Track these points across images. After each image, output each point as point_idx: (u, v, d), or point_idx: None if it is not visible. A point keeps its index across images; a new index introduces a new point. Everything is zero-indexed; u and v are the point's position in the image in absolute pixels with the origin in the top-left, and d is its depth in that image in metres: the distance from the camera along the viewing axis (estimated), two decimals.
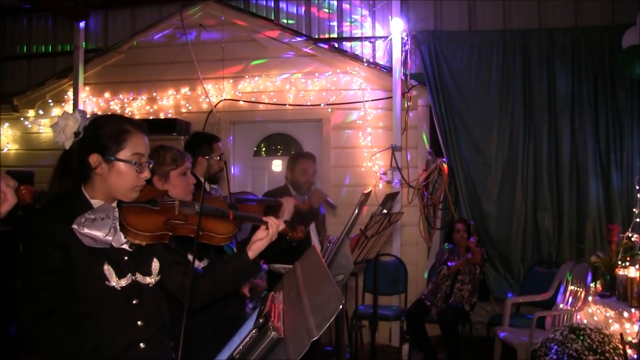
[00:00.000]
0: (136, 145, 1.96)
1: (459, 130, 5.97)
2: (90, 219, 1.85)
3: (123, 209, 1.96)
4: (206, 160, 3.56)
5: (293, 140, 6.67)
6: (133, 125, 1.99)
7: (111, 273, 1.88)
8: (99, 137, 1.93)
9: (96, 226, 1.85)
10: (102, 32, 7.25)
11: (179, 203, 2.14)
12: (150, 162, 2.04)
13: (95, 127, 1.95)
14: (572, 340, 3.65)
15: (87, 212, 1.87)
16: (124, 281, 1.91)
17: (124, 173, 1.93)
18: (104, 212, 1.90)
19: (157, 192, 2.19)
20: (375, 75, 6.18)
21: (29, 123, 7.23)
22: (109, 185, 1.94)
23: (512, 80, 5.91)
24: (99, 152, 1.92)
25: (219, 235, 2.15)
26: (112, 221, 1.90)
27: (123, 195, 1.97)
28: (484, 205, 5.94)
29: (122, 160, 1.92)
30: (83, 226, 1.82)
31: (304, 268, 1.91)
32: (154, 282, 2.02)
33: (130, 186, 1.95)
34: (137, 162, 1.95)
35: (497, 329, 5.03)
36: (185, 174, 2.80)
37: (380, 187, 6.05)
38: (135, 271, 1.96)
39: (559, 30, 5.86)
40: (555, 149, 5.80)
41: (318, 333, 1.26)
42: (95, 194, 1.95)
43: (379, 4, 6.38)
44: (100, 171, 1.93)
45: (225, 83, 6.51)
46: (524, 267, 5.85)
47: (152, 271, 2.02)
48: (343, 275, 2.91)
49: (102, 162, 1.92)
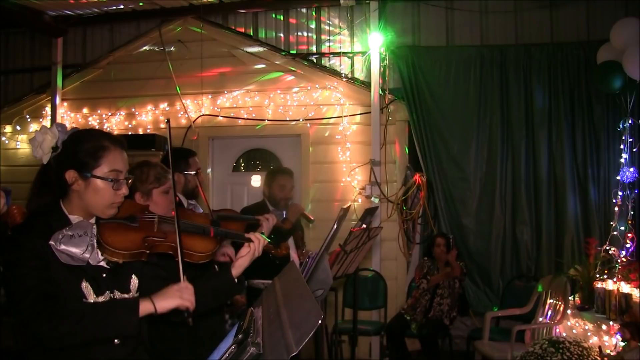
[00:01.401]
0: (113, 162, 1.95)
1: (437, 144, 6.01)
2: (67, 236, 1.83)
3: (101, 226, 1.94)
4: (183, 176, 3.51)
5: (272, 155, 6.66)
6: (111, 140, 1.98)
7: (89, 290, 1.87)
8: (76, 152, 1.92)
9: (73, 243, 1.83)
10: (81, 47, 7.20)
11: (158, 219, 2.12)
12: (130, 178, 2.02)
13: (73, 143, 1.94)
14: (551, 353, 3.66)
15: (65, 229, 1.85)
16: (101, 298, 1.89)
17: (100, 190, 1.92)
18: (82, 229, 1.88)
19: (137, 208, 2.17)
20: (353, 90, 6.21)
21: (6, 139, 7.15)
22: (86, 202, 1.93)
23: (490, 95, 5.98)
24: (76, 168, 1.91)
25: (198, 254, 2.11)
26: (89, 238, 1.88)
27: (100, 211, 1.96)
28: (462, 219, 5.97)
29: (98, 177, 1.91)
30: (60, 242, 1.80)
31: (283, 283, 1.91)
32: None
33: (107, 203, 1.94)
34: (114, 179, 1.93)
35: (477, 343, 5.04)
36: (167, 192, 2.77)
37: (359, 201, 6.07)
38: (114, 288, 1.94)
39: (535, 46, 5.94)
40: (533, 163, 5.86)
41: (297, 348, 1.26)
42: (73, 209, 1.94)
43: (357, 19, 6.43)
44: (77, 187, 1.92)
45: (204, 98, 6.50)
46: (503, 281, 5.88)
47: (131, 289, 2.00)
48: (322, 290, 2.90)
49: (78, 178, 1.91)
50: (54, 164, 1.95)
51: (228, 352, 1.44)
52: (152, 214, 2.16)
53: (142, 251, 1.97)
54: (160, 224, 2.12)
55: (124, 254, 1.91)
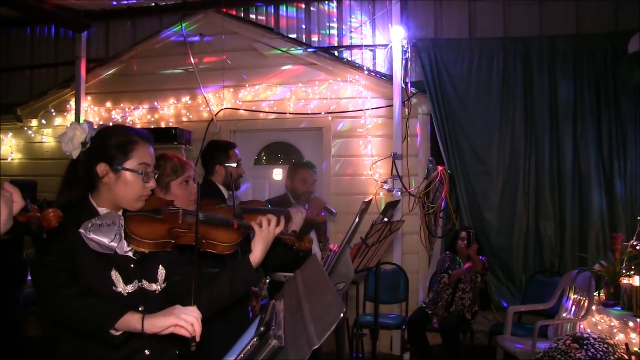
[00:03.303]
0: (142, 155, 2.00)
1: (459, 138, 5.96)
2: (96, 225, 1.88)
3: (127, 217, 2.00)
4: (224, 168, 3.57)
5: (293, 148, 6.67)
6: (139, 135, 2.03)
7: (118, 279, 1.91)
8: (107, 147, 1.97)
9: (102, 232, 1.88)
10: (104, 42, 7.27)
11: (182, 212, 2.17)
12: (156, 172, 2.07)
13: (103, 138, 1.99)
14: (575, 349, 3.61)
15: (94, 218, 1.90)
16: (130, 287, 1.93)
17: (130, 182, 1.97)
18: (110, 219, 1.93)
19: (162, 202, 2.22)
20: (375, 83, 6.18)
21: (32, 133, 7.26)
22: (116, 195, 1.98)
23: (513, 87, 5.90)
24: (106, 161, 1.96)
25: (223, 244, 2.16)
26: (117, 228, 1.93)
27: (129, 204, 2.01)
28: (485, 213, 5.92)
29: (128, 169, 1.96)
30: (89, 231, 1.85)
31: (305, 276, 1.90)
32: (160, 289, 2.04)
33: (136, 195, 2.00)
34: (144, 172, 1.99)
35: (498, 338, 5.00)
36: (187, 182, 2.78)
37: (380, 195, 6.05)
38: (142, 278, 1.98)
39: (560, 37, 5.85)
40: (557, 157, 5.78)
41: (319, 342, 1.25)
42: (102, 202, 1.99)
43: (379, 11, 6.39)
44: (107, 180, 1.96)
45: (225, 92, 6.52)
46: (525, 276, 5.83)
47: (158, 278, 2.04)
48: (344, 283, 2.90)
49: (109, 171, 1.96)
50: (83, 158, 2.00)
51: (250, 344, 1.44)
52: (176, 207, 2.20)
53: (168, 241, 2.02)
54: (184, 216, 2.16)
55: (150, 243, 1.96)
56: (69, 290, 1.72)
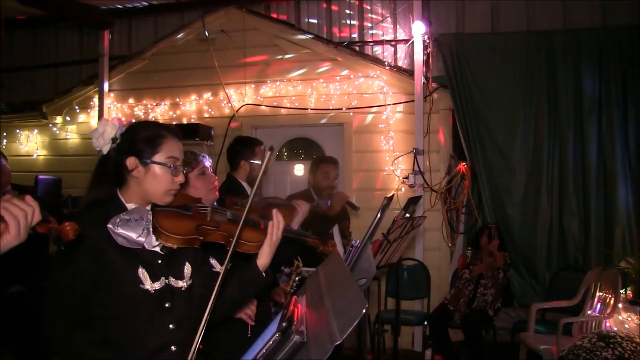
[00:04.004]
0: (171, 149, 2.01)
1: (481, 133, 5.90)
2: (124, 220, 1.89)
3: (156, 212, 2.00)
4: (249, 164, 3.58)
5: (315, 144, 6.67)
6: (168, 130, 2.05)
7: (145, 276, 1.91)
8: (136, 141, 1.99)
9: (130, 227, 1.89)
10: (126, 39, 7.34)
11: (211, 210, 2.19)
12: (185, 167, 2.08)
13: (132, 132, 2.02)
14: (601, 348, 3.55)
15: (122, 213, 1.91)
16: (157, 284, 1.94)
17: (159, 176, 1.98)
18: (138, 214, 1.94)
19: (191, 199, 2.24)
20: (397, 78, 6.15)
21: (57, 129, 7.37)
22: (145, 189, 1.99)
23: (536, 82, 5.82)
24: (136, 155, 1.98)
25: (249, 243, 2.15)
26: (145, 223, 1.93)
27: (158, 198, 2.02)
28: (507, 209, 5.86)
29: (157, 162, 1.98)
30: (117, 226, 1.86)
31: (327, 272, 1.90)
32: (186, 286, 2.04)
33: (165, 189, 2.00)
34: (172, 166, 2.00)
35: (522, 335, 4.96)
36: (204, 173, 2.79)
37: (402, 191, 6.02)
38: (169, 275, 1.99)
39: (585, 31, 5.74)
40: (582, 153, 5.69)
41: (341, 337, 1.25)
42: (130, 197, 2.00)
43: (400, 6, 6.36)
44: (137, 174, 1.98)
45: (247, 88, 6.54)
46: (549, 273, 5.77)
47: (185, 275, 2.05)
48: (365, 279, 2.90)
49: (138, 164, 1.97)
50: (113, 154, 2.02)
51: (272, 339, 1.44)
52: (204, 205, 2.22)
53: (196, 237, 2.02)
54: (213, 214, 2.18)
55: (178, 238, 1.96)
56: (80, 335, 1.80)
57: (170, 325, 1.94)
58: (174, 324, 1.95)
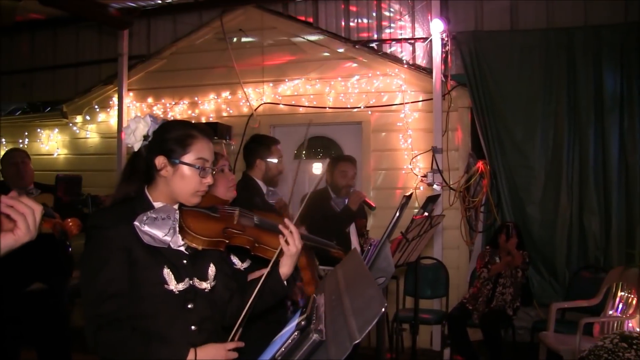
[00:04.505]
0: (201, 150, 2.00)
1: (500, 131, 5.85)
2: (151, 218, 1.89)
3: (183, 212, 2.00)
4: (264, 163, 3.58)
5: (333, 143, 6.67)
6: (199, 131, 2.04)
7: (170, 277, 1.91)
8: (166, 140, 1.98)
9: (156, 225, 1.89)
10: (145, 38, 7.39)
11: (239, 213, 2.18)
12: (214, 169, 2.06)
13: (163, 131, 2.00)
14: (623, 349, 3.50)
15: (149, 211, 1.91)
16: (181, 285, 1.93)
17: (187, 177, 1.97)
18: (165, 213, 1.94)
19: (218, 201, 2.23)
20: (415, 77, 6.13)
21: (77, 129, 7.44)
22: (172, 189, 1.98)
23: (556, 80, 5.76)
24: (165, 154, 1.97)
25: (273, 249, 2.13)
26: (172, 222, 1.94)
27: (185, 199, 2.00)
28: (527, 208, 5.80)
29: (186, 163, 1.96)
30: (144, 224, 1.87)
31: (345, 270, 1.90)
32: (210, 287, 2.03)
33: (192, 190, 1.99)
34: (201, 167, 1.98)
35: (541, 335, 4.91)
36: (222, 171, 2.79)
37: (421, 189, 6.00)
38: (193, 276, 1.98)
39: (606, 27, 5.65)
40: (603, 151, 5.62)
41: (360, 336, 1.25)
42: (158, 196, 2.00)
43: (418, 5, 6.33)
44: (165, 173, 1.97)
45: (265, 87, 6.56)
46: (569, 272, 5.70)
47: (209, 276, 2.04)
48: (384, 278, 2.89)
49: (167, 164, 1.96)
50: (143, 151, 2.02)
51: (291, 338, 1.44)
52: (232, 208, 2.21)
53: (222, 240, 2.01)
54: (240, 217, 2.17)
55: (204, 240, 1.95)
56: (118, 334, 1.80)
57: (192, 326, 1.94)
58: (196, 325, 1.95)
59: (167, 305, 1.90)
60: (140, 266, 1.87)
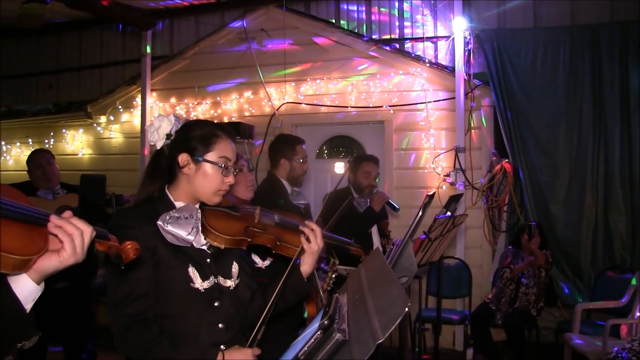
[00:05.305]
0: (224, 149, 2.01)
1: (524, 130, 5.79)
2: (174, 217, 1.91)
3: (205, 211, 2.01)
4: (289, 162, 3.58)
5: (355, 142, 6.66)
6: (222, 130, 2.05)
7: (195, 275, 1.92)
8: (189, 138, 1.99)
9: (179, 224, 1.90)
10: (168, 39, 7.45)
11: (260, 212, 2.19)
12: (236, 169, 2.07)
13: (186, 129, 2.02)
14: None
15: (172, 211, 1.93)
16: (207, 283, 1.94)
17: (209, 175, 1.98)
18: (187, 212, 1.95)
19: (239, 201, 2.25)
20: (437, 75, 6.09)
21: (101, 129, 7.53)
22: (194, 187, 1.99)
23: (581, 77, 5.68)
24: (188, 152, 1.98)
25: (295, 248, 2.15)
26: (195, 221, 1.95)
27: (207, 198, 2.01)
28: (551, 207, 5.74)
29: (209, 161, 1.97)
30: (167, 223, 1.88)
31: (368, 270, 1.90)
32: (234, 285, 2.04)
33: (214, 189, 1.99)
34: (224, 166, 1.99)
35: (566, 336, 4.85)
36: (241, 170, 2.80)
37: (443, 189, 5.96)
38: (217, 274, 1.99)
39: (633, 23, 5.56)
40: (629, 149, 5.52)
41: (383, 336, 1.24)
42: (179, 195, 2.01)
43: (440, 3, 6.29)
44: (188, 171, 1.98)
45: (287, 86, 6.57)
46: (594, 272, 5.62)
47: (233, 274, 2.05)
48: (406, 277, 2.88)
49: (190, 161, 1.97)
50: (166, 150, 2.03)
51: (314, 337, 1.44)
52: (253, 207, 2.22)
53: (244, 239, 2.03)
54: (261, 216, 2.18)
55: (227, 239, 1.97)
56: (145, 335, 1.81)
57: (219, 324, 1.95)
58: (223, 323, 1.96)
59: (193, 303, 1.91)
60: (165, 266, 1.88)
